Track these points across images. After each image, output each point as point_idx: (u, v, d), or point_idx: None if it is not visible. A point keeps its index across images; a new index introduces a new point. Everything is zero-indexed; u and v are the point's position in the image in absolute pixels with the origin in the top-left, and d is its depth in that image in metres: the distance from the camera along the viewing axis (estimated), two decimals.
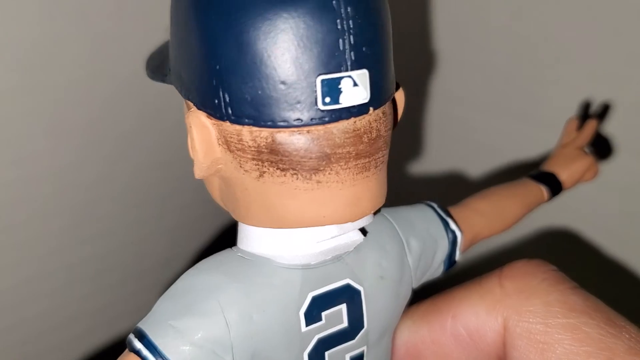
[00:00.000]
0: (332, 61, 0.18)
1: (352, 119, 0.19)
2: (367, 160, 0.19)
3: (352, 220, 0.20)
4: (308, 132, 0.18)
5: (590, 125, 0.33)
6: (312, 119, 0.18)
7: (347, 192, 0.19)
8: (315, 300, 0.20)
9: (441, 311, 0.24)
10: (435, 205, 0.25)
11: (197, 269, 0.20)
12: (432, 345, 0.24)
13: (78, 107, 0.40)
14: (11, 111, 0.37)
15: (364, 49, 0.18)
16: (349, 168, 0.19)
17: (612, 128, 0.38)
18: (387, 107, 0.20)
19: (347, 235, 0.21)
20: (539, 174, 0.30)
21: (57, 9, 0.36)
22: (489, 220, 0.27)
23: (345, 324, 0.21)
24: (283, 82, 0.18)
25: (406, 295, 0.23)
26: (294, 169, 0.19)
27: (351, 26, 0.18)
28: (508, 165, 0.44)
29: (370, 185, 0.20)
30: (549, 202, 0.29)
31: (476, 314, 0.23)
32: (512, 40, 0.40)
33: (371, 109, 0.19)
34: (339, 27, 0.18)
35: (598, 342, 0.20)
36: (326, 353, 0.21)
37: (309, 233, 0.20)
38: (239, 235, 0.21)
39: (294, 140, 0.18)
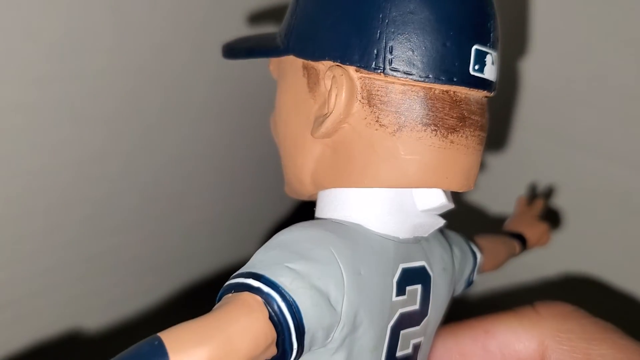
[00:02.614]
0: (484, 37, 0.20)
1: (483, 93, 0.21)
2: (484, 134, 0.21)
3: (463, 190, 0.21)
4: (455, 92, 0.20)
5: (538, 204, 0.37)
6: (462, 81, 0.20)
7: (467, 159, 0.21)
8: (404, 272, 0.21)
9: (473, 327, 0.26)
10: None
11: (296, 226, 0.20)
12: (459, 358, 0.25)
13: (104, 98, 0.40)
14: (39, 99, 0.36)
15: (498, 35, 0.21)
16: (475, 136, 0.21)
17: None
18: None
19: (433, 216, 0.22)
20: (510, 233, 0.34)
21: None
22: (488, 258, 0.29)
23: (417, 306, 0.22)
24: (445, 44, 0.19)
25: (450, 294, 0.24)
26: (435, 125, 0.20)
27: (494, 13, 0.21)
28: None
29: (478, 159, 0.21)
30: (516, 256, 0.33)
31: (513, 332, 0.25)
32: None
33: (490, 92, 0.21)
34: (489, 10, 0.21)
35: (635, 352, 0.23)
36: (401, 332, 0.21)
37: (421, 195, 0.21)
38: (328, 204, 0.21)
39: (444, 98, 0.20)
